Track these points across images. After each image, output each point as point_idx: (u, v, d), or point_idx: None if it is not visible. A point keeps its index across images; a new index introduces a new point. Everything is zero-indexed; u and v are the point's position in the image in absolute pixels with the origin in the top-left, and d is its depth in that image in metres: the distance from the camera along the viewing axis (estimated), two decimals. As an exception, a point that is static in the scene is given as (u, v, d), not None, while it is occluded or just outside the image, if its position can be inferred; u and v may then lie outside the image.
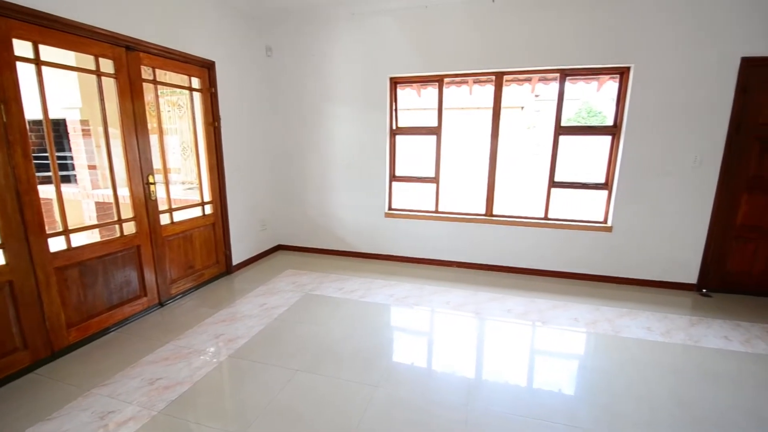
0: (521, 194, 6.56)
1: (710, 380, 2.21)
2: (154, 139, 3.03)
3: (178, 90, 3.74)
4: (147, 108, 2.91)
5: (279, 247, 4.71)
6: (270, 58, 4.19)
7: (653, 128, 3.35)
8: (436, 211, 4.12)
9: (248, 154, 4.05)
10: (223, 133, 3.62)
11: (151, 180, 2.94)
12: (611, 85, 3.60)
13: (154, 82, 3.04)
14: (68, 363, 2.35)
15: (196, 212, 3.50)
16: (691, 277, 3.51)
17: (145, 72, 2.92)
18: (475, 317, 2.99)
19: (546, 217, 3.83)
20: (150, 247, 2.99)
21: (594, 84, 3.85)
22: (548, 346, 2.66)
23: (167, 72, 3.15)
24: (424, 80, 3.94)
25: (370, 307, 3.13)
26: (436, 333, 2.83)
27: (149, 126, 2.94)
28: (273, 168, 4.47)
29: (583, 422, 1.87)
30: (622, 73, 3.44)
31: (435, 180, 4.07)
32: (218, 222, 3.70)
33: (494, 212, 3.98)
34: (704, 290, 3.48)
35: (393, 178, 4.23)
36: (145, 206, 2.93)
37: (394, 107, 4.06)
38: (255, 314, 2.99)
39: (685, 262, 3.50)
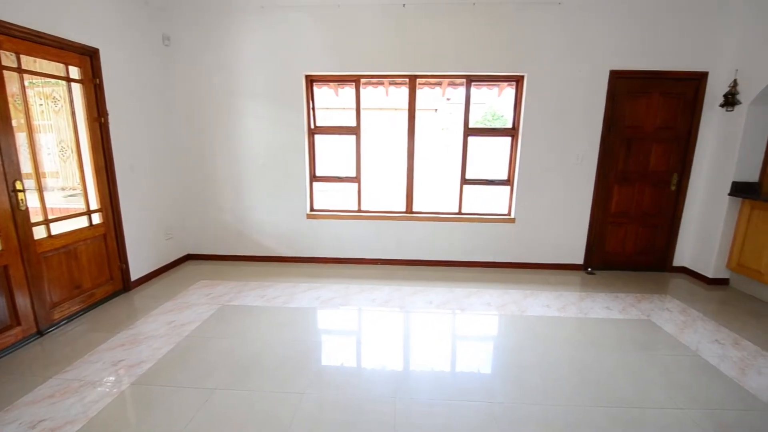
0: (439, 191, 6.95)
1: (598, 346, 2.58)
2: (22, 137, 2.53)
3: (53, 80, 3.17)
4: (11, 100, 2.42)
5: (188, 257, 4.29)
6: (168, 48, 3.79)
7: (544, 130, 3.81)
8: (359, 211, 4.15)
9: (146, 153, 3.61)
10: (112, 130, 3.17)
11: (18, 186, 2.45)
12: (509, 92, 3.99)
13: (19, 70, 2.54)
14: None
15: (82, 222, 3.01)
16: (579, 258, 4.08)
17: (7, 58, 2.43)
18: (401, 311, 3.07)
19: (460, 212, 4.11)
20: (21, 267, 2.49)
21: (495, 90, 4.24)
22: (466, 331, 2.85)
23: (37, 59, 2.66)
24: (341, 80, 3.93)
25: (295, 313, 3.03)
26: (363, 331, 2.84)
27: (14, 122, 2.45)
28: (178, 169, 4.05)
29: (498, 397, 2.04)
30: (518, 81, 3.84)
31: (356, 179, 4.08)
32: (110, 232, 3.23)
33: (414, 209, 4.15)
34: (589, 269, 4.07)
35: (313, 178, 4.15)
36: (12, 218, 2.43)
37: (311, 106, 3.98)
38: (162, 334, 2.68)
39: (573, 246, 4.05)
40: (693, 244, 3.94)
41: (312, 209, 4.19)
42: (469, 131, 3.92)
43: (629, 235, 4.03)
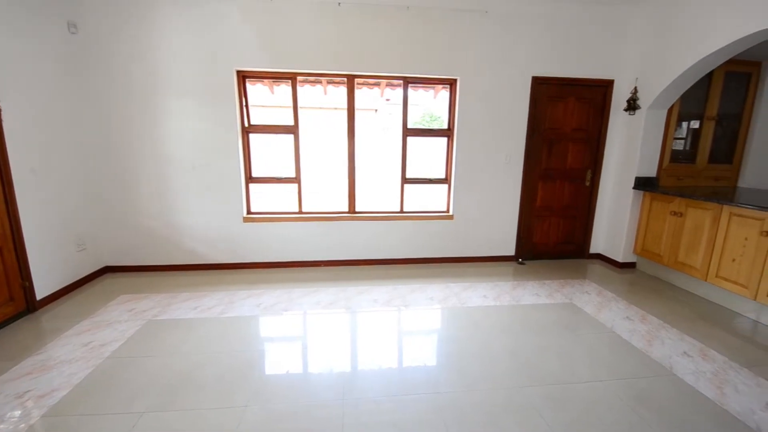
0: (381, 191, 7.03)
1: (529, 330, 2.79)
2: None
3: None
4: None
5: (107, 270, 3.85)
6: (75, 36, 3.37)
7: (476, 131, 4.03)
8: (300, 212, 4.04)
9: (51, 154, 3.17)
10: (5, 127, 2.74)
11: None
12: (444, 94, 4.16)
13: None
14: None
15: (-33, 236, 2.57)
16: (511, 250, 4.38)
17: None
18: (346, 312, 3.05)
19: (402, 211, 4.19)
20: None
21: (431, 92, 4.38)
22: (411, 326, 2.92)
23: None
24: (276, 77, 3.79)
25: (234, 323, 2.86)
26: (309, 336, 2.77)
27: None
28: (90, 171, 3.60)
29: (443, 388, 2.12)
30: (451, 84, 4.01)
31: (296, 180, 3.97)
32: (7, 245, 2.79)
33: (357, 209, 4.14)
34: (520, 259, 4.39)
35: (249, 179, 3.95)
36: None
37: (244, 103, 3.79)
38: (77, 357, 2.37)
39: (505, 239, 4.33)
40: (605, 232, 4.44)
41: (249, 212, 3.99)
42: (408, 131, 4.01)
43: (552, 227, 4.42)
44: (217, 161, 3.76)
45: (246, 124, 3.83)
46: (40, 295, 3.04)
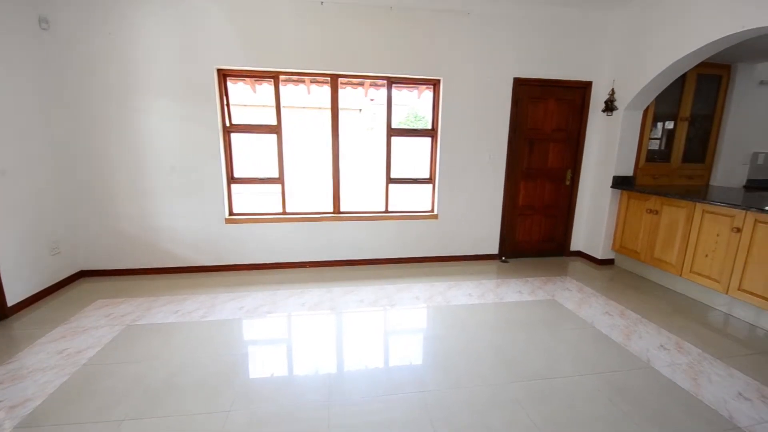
0: (366, 191, 7.01)
1: (512, 326, 2.84)
2: None
3: None
4: None
5: (83, 274, 3.72)
6: (47, 32, 3.24)
7: (460, 131, 4.07)
8: (284, 213, 4.00)
9: (21, 154, 3.05)
10: (-29, 128, 2.62)
11: None
12: (428, 94, 4.18)
13: None
14: None
15: (-70, 240, 2.45)
16: (494, 248, 4.44)
17: None
18: (332, 313, 3.04)
19: (387, 211, 4.20)
20: None
21: (415, 92, 4.40)
22: (397, 326, 2.92)
23: None
24: (258, 75, 3.74)
25: (217, 326, 2.81)
26: (294, 338, 2.74)
27: None
28: (65, 172, 3.48)
29: (429, 386, 2.13)
30: (435, 85, 4.04)
31: (280, 180, 3.93)
32: (-25, 251, 2.67)
33: (342, 209, 4.12)
34: (503, 258, 4.45)
35: (231, 180, 3.89)
36: None
37: (225, 102, 3.72)
38: (52, 365, 2.29)
39: (489, 237, 4.39)
40: (585, 230, 4.55)
41: (231, 213, 3.93)
42: (392, 131, 4.02)
43: (534, 226, 4.50)
44: (197, 162, 3.68)
45: (227, 124, 3.77)
46: (11, 301, 2.92)
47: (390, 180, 4.13)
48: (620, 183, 4.11)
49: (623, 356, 2.46)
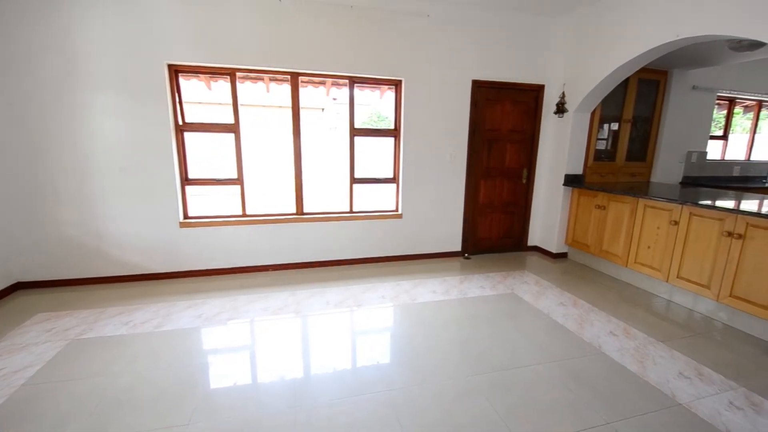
0: (330, 191, 6.93)
1: (476, 321, 2.92)
2: None
3: None
4: None
5: (19, 286, 3.39)
6: (-32, 20, 2.92)
7: (422, 131, 4.13)
8: (244, 215, 3.86)
9: (-61, 157, 2.72)
10: None
11: None
12: (390, 95, 4.21)
13: None
14: None
15: None
16: (457, 246, 4.55)
17: None
18: (297, 317, 2.97)
19: (351, 211, 4.17)
20: None
21: (378, 92, 4.40)
22: (364, 326, 2.91)
23: None
24: (213, 72, 3.58)
25: (173, 336, 2.66)
26: (258, 344, 2.65)
27: None
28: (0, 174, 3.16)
29: (397, 384, 2.14)
30: (397, 85, 4.07)
31: (239, 181, 3.79)
32: None
33: (305, 210, 4.05)
34: (466, 254, 4.57)
35: (185, 181, 3.70)
36: None
37: (177, 99, 3.53)
38: (-20, 388, 2.06)
39: (452, 235, 4.49)
40: (540, 226, 4.77)
41: (186, 216, 3.74)
42: (355, 131, 4.00)
43: (494, 223, 4.66)
44: (147, 162, 3.46)
45: (180, 122, 3.58)
46: (-72, 320, 2.60)
47: (354, 180, 4.11)
48: (571, 181, 4.35)
49: (577, 344, 2.60)
